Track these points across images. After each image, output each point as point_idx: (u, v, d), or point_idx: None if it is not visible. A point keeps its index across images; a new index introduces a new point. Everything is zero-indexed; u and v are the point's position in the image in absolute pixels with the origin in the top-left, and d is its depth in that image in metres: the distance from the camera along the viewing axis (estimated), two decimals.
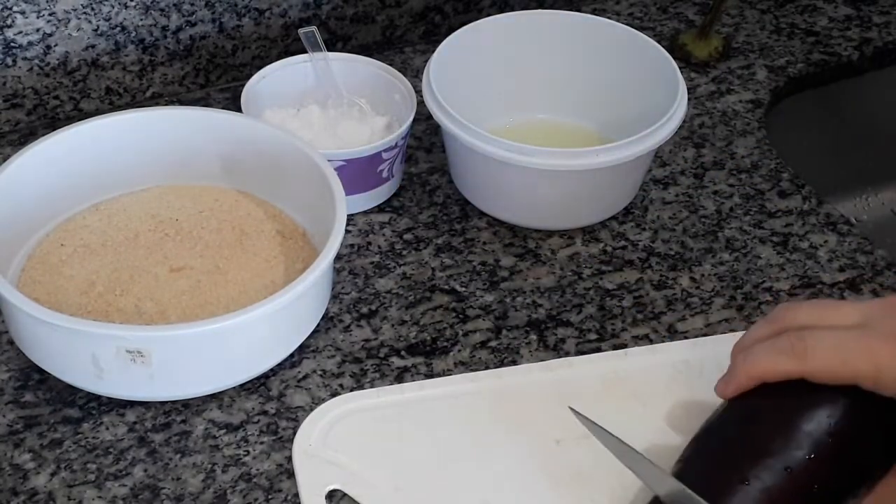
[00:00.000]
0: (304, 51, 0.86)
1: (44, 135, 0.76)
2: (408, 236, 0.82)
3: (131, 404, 0.70)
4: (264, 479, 0.66)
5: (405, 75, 0.86)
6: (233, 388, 0.71)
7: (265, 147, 0.78)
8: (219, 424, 0.69)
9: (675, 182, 0.87)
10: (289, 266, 0.76)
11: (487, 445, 0.67)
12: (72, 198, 0.79)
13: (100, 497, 0.65)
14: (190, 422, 0.69)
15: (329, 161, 0.76)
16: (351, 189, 0.79)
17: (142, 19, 0.90)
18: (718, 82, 0.97)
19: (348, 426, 0.68)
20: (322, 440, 0.67)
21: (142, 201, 0.80)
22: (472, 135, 0.77)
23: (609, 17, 0.96)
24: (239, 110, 0.81)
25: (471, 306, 0.77)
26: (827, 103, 1.03)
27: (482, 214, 0.84)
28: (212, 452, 0.68)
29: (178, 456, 0.68)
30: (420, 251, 0.81)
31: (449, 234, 0.82)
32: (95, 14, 0.88)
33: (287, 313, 0.69)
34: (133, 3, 0.89)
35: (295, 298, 0.68)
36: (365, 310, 0.77)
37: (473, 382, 0.71)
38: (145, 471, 0.67)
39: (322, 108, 0.85)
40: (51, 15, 0.87)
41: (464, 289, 0.78)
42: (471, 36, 0.85)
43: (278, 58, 0.87)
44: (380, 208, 0.84)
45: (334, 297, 0.77)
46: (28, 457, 0.67)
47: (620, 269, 0.80)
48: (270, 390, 0.71)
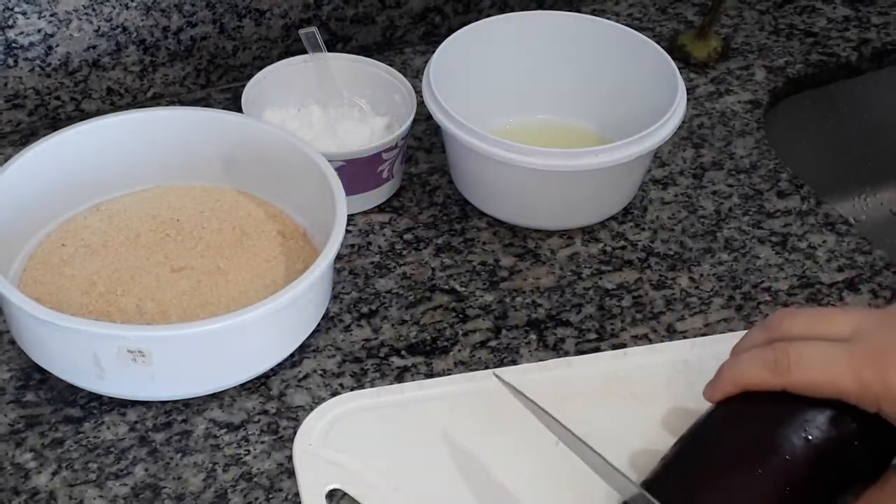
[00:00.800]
0: (304, 51, 0.86)
1: (45, 135, 0.76)
2: (408, 236, 0.82)
3: (132, 404, 0.70)
4: (265, 479, 0.67)
5: (405, 76, 0.86)
6: (233, 387, 0.71)
7: (266, 147, 0.78)
8: (219, 424, 0.69)
9: (674, 182, 0.87)
10: (289, 266, 0.76)
11: (487, 445, 0.67)
12: (73, 198, 0.79)
13: (101, 496, 0.66)
14: (191, 421, 0.70)
15: (329, 161, 0.76)
16: (351, 189, 0.79)
17: (143, 20, 0.90)
18: (717, 83, 0.97)
19: (349, 426, 0.68)
20: (322, 440, 0.67)
21: (143, 201, 0.80)
22: (472, 135, 0.77)
23: (609, 18, 0.96)
24: (240, 111, 0.81)
25: (471, 306, 0.77)
26: (825, 104, 1.03)
27: (482, 214, 0.84)
28: (212, 452, 0.68)
29: (179, 455, 0.68)
30: (420, 251, 0.81)
31: (449, 234, 0.82)
32: (97, 15, 0.88)
33: (287, 313, 0.69)
34: (134, 4, 0.89)
35: (295, 298, 0.68)
36: (365, 309, 0.77)
37: (473, 382, 0.71)
38: (146, 470, 0.67)
39: (322, 109, 0.85)
40: (52, 16, 0.87)
41: (464, 289, 0.78)
42: (471, 36, 0.85)
43: (279, 58, 0.87)
44: (380, 208, 0.84)
45: (335, 296, 0.77)
46: (29, 456, 0.67)
47: (620, 269, 0.80)
48: (271, 390, 0.71)
